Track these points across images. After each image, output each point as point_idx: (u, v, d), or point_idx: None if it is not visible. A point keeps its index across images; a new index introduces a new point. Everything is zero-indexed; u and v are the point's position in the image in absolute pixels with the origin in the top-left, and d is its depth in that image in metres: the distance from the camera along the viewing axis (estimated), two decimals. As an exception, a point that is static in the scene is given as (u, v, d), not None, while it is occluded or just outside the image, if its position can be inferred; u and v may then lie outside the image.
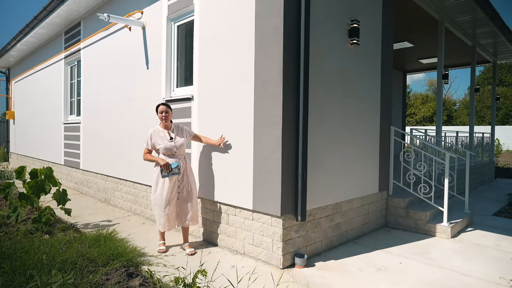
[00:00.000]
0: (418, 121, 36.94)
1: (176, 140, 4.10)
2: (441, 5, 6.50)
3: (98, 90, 6.99)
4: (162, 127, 4.16)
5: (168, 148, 4.03)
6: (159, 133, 4.13)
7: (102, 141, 6.84)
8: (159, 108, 4.13)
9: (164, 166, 3.92)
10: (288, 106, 3.53)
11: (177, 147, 4.07)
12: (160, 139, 4.09)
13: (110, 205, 6.62)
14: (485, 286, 3.24)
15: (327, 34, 4.04)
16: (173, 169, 3.95)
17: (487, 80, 38.27)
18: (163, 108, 4.12)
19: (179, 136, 4.16)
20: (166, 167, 3.93)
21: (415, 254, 4.07)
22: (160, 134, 4.12)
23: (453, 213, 5.42)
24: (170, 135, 4.13)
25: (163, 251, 4.09)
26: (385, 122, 5.24)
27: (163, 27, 5.12)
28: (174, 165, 3.96)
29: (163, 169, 3.92)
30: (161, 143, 4.06)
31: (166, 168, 3.93)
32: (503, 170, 12.85)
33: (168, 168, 3.94)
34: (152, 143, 4.11)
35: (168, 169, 3.93)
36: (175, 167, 3.96)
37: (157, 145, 4.09)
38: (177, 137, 4.14)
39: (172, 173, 3.95)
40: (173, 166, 3.95)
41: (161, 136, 4.10)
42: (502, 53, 10.09)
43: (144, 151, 4.17)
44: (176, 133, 4.18)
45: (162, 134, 4.12)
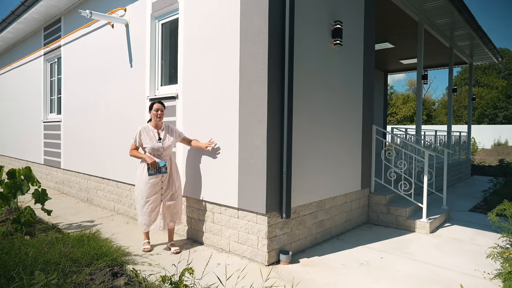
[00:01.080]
0: (399, 120, 37.78)
1: (165, 142, 4.00)
2: (420, 7, 6.69)
3: (79, 88, 6.86)
4: (153, 125, 4.05)
5: (155, 148, 3.94)
6: (149, 131, 4.01)
7: (84, 140, 6.73)
8: (154, 106, 4.00)
9: (151, 165, 3.85)
10: (272, 105, 3.58)
11: (165, 148, 3.98)
12: (148, 138, 3.97)
13: (93, 204, 6.52)
14: (461, 278, 3.38)
15: (311, 35, 4.11)
16: (161, 168, 3.89)
17: (464, 80, 39.52)
18: (158, 106, 4.00)
19: (169, 137, 4.06)
20: (154, 165, 3.86)
21: (395, 249, 4.20)
22: (149, 133, 4.00)
23: (432, 209, 5.60)
24: (159, 135, 4.02)
25: (148, 250, 4.04)
26: (367, 121, 5.36)
27: (147, 25, 5.08)
28: (161, 163, 3.89)
29: (150, 167, 3.85)
30: (149, 142, 3.95)
31: (154, 167, 3.86)
32: (479, 167, 13.32)
33: (155, 166, 3.87)
34: (140, 141, 4.00)
35: (155, 168, 3.86)
36: (163, 166, 3.89)
37: (144, 144, 3.98)
38: (166, 138, 4.03)
39: (159, 172, 3.88)
40: (160, 164, 3.88)
41: (149, 136, 3.99)
42: (477, 54, 10.45)
43: (131, 146, 4.05)
44: (166, 133, 4.06)
45: (152, 133, 4.01)
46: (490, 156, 18.65)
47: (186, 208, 4.55)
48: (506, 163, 11.84)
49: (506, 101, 32.13)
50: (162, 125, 4.10)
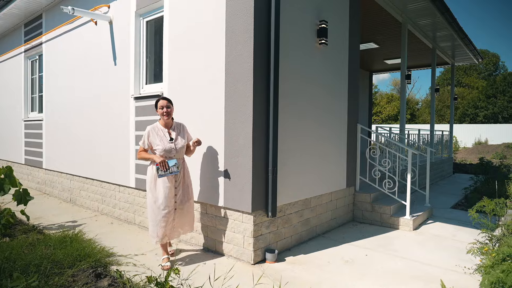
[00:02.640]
0: (383, 119, 38.37)
1: (177, 142, 3.60)
2: (404, 8, 6.80)
3: (62, 86, 6.71)
4: (162, 124, 3.65)
5: (167, 150, 3.53)
6: (158, 131, 3.60)
7: (67, 139, 6.59)
8: (159, 103, 3.58)
9: (160, 164, 3.45)
10: (258, 104, 3.58)
11: (177, 149, 3.59)
12: (158, 139, 3.56)
13: (76, 205, 6.40)
14: (442, 273, 3.46)
15: (297, 34, 4.13)
16: (171, 167, 3.49)
17: (447, 81, 40.40)
18: (163, 103, 3.57)
19: (181, 137, 3.66)
20: (163, 164, 3.46)
21: (380, 246, 4.27)
22: (159, 133, 3.59)
23: (415, 206, 5.72)
24: (170, 135, 3.62)
25: (168, 267, 3.48)
26: (352, 120, 5.42)
27: (131, 22, 5.00)
28: (172, 162, 3.50)
29: (160, 167, 3.45)
30: (160, 143, 3.54)
31: (163, 166, 3.46)
32: (461, 165, 13.64)
33: (165, 166, 3.46)
34: (149, 143, 3.59)
35: (165, 167, 3.46)
36: (173, 165, 3.50)
37: (154, 145, 3.56)
38: (178, 138, 3.63)
39: (169, 172, 3.48)
40: (170, 163, 3.49)
41: (160, 136, 3.58)
42: (459, 55, 10.70)
43: (139, 149, 3.66)
44: (178, 132, 3.66)
45: (162, 133, 3.60)
46: (471, 154, 19.13)
47: (171, 207, 4.51)
48: (486, 161, 12.18)
49: (486, 101, 33.02)
50: (173, 123, 3.70)
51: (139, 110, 4.94)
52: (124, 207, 5.30)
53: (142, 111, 4.89)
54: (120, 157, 5.28)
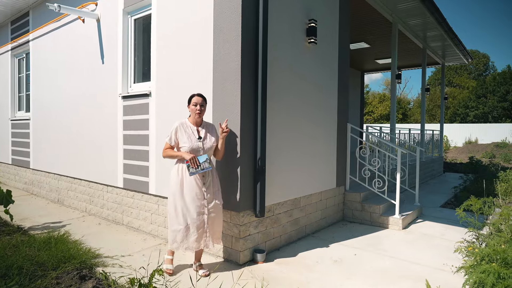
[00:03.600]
0: (376, 119, 38.59)
1: (206, 141, 3.32)
2: (394, 8, 6.82)
3: (49, 85, 6.61)
4: (192, 122, 3.37)
5: (194, 149, 3.25)
6: (187, 128, 3.33)
7: (54, 139, 6.49)
8: (193, 99, 3.32)
9: (191, 161, 3.15)
10: (246, 103, 3.55)
11: (205, 149, 3.30)
12: (186, 136, 3.29)
13: (64, 205, 6.30)
14: (430, 272, 3.46)
15: (286, 33, 4.10)
16: (202, 163, 3.18)
17: (438, 80, 40.79)
18: (198, 100, 3.31)
19: (210, 136, 3.38)
20: (194, 161, 3.16)
21: (369, 246, 4.27)
22: (187, 130, 3.32)
23: (405, 205, 5.74)
24: (199, 133, 3.35)
25: (171, 272, 3.35)
26: (342, 120, 5.42)
27: (119, 20, 4.93)
28: (202, 158, 3.19)
29: (190, 164, 3.16)
30: (187, 141, 3.26)
31: (194, 163, 3.16)
32: (451, 165, 13.78)
33: (196, 162, 3.17)
34: (176, 139, 3.32)
35: (195, 164, 3.16)
36: (204, 161, 3.19)
37: (181, 142, 3.29)
38: (207, 137, 3.35)
39: (201, 168, 3.18)
40: (201, 160, 3.18)
41: (188, 133, 3.31)
42: (449, 55, 10.79)
43: (165, 145, 3.38)
44: (207, 131, 3.39)
45: (190, 130, 3.33)
46: (462, 153, 19.35)
47: (159, 207, 4.46)
48: (476, 161, 12.31)
49: (477, 101, 33.40)
50: (203, 122, 3.46)
51: (127, 109, 4.88)
52: (112, 207, 5.23)
53: (130, 110, 4.82)
54: (108, 157, 5.21)
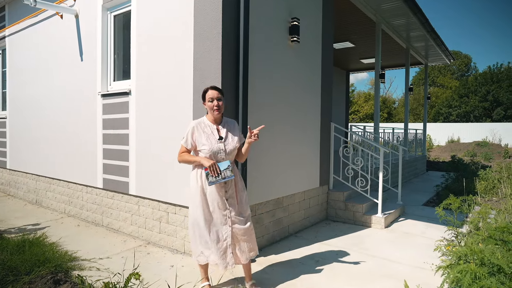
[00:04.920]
0: (361, 118, 39.02)
1: (227, 142, 2.84)
2: (378, 8, 6.86)
3: (26, 82, 6.40)
4: (210, 120, 2.89)
5: (214, 151, 2.78)
6: (205, 128, 2.86)
7: (32, 138, 6.29)
8: (208, 94, 2.81)
9: (210, 169, 2.70)
10: (227, 102, 3.49)
11: (227, 152, 2.83)
12: (205, 137, 2.81)
13: (42, 207, 6.12)
14: (411, 271, 3.49)
15: (267, 30, 4.06)
16: (223, 171, 2.73)
17: (422, 80, 41.49)
18: (214, 94, 2.80)
19: (232, 136, 2.89)
20: (214, 169, 2.70)
21: (352, 245, 4.27)
22: (205, 130, 2.85)
23: (388, 204, 5.78)
24: (219, 132, 2.87)
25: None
26: (326, 119, 5.41)
27: (98, 16, 4.81)
28: (223, 165, 2.74)
29: (209, 172, 2.71)
30: (206, 143, 2.79)
31: (214, 171, 2.70)
32: (434, 163, 14.01)
33: (216, 169, 2.72)
34: (193, 141, 2.84)
35: (216, 172, 2.71)
36: (226, 168, 2.74)
37: (199, 145, 2.81)
38: (229, 137, 2.87)
39: (222, 177, 2.73)
40: (222, 167, 2.73)
41: (206, 133, 2.83)
42: (432, 55, 10.95)
43: (180, 149, 2.90)
44: (228, 130, 2.91)
45: (209, 130, 2.86)
46: (445, 152, 19.71)
47: (139, 208, 4.37)
48: (458, 159, 12.54)
49: (459, 100, 34.12)
50: (223, 119, 2.96)
51: (106, 108, 4.76)
52: (91, 208, 5.10)
53: (110, 109, 4.71)
54: (87, 156, 5.07)
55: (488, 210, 3.71)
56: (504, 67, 34.22)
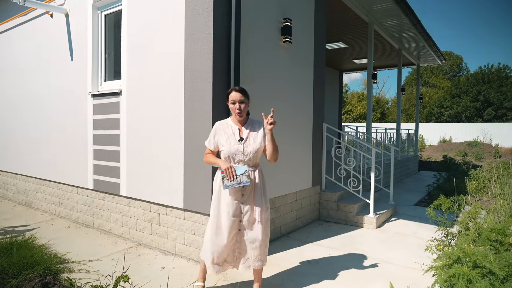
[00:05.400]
0: (355, 118, 39.20)
1: (247, 143, 2.73)
2: (370, 9, 6.89)
3: (15, 82, 6.31)
4: (234, 121, 2.84)
5: (232, 152, 2.70)
6: (227, 128, 2.79)
7: (22, 138, 6.20)
8: (231, 96, 2.73)
9: (226, 172, 2.63)
10: (218, 103, 3.48)
11: (246, 154, 2.71)
12: (225, 138, 2.75)
13: (32, 208, 6.04)
14: (402, 271, 3.50)
15: (259, 31, 4.05)
16: (239, 176, 2.63)
17: (414, 81, 41.81)
18: (236, 97, 2.71)
19: (255, 138, 2.77)
20: (229, 173, 2.62)
21: (343, 245, 4.28)
22: (227, 131, 2.78)
23: (379, 204, 5.81)
24: (240, 134, 2.78)
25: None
26: (318, 119, 5.42)
27: (89, 15, 4.75)
28: (240, 170, 2.64)
29: (225, 175, 2.64)
30: (225, 143, 2.73)
31: (229, 175, 2.62)
32: (426, 163, 14.12)
33: (232, 174, 2.63)
34: (216, 142, 2.81)
35: (232, 177, 2.62)
36: (242, 173, 2.64)
37: (220, 145, 2.77)
38: (250, 138, 2.75)
39: (237, 182, 2.63)
40: (239, 171, 2.63)
41: (227, 134, 2.77)
42: (424, 56, 11.03)
43: (206, 150, 2.89)
44: (251, 131, 2.79)
45: (230, 130, 2.78)
46: (437, 152, 19.90)
47: (131, 209, 4.33)
48: (449, 159, 12.66)
49: (451, 100, 34.44)
50: (248, 120, 2.88)
51: (97, 108, 4.71)
52: (82, 209, 5.05)
53: (100, 109, 4.66)
54: (78, 157, 5.02)
55: (478, 210, 3.75)
56: (495, 68, 34.64)
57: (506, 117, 31.08)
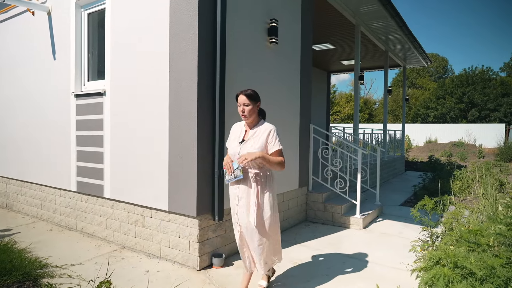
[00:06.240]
0: (343, 118, 39.54)
1: (245, 147, 2.79)
2: (357, 11, 6.94)
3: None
4: (245, 122, 2.93)
5: (232, 153, 2.84)
6: (237, 130, 2.95)
7: (2, 139, 6.03)
8: (238, 100, 2.82)
9: (225, 166, 2.81)
10: (203, 104, 3.44)
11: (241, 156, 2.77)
12: (232, 138, 2.92)
13: (13, 211, 5.88)
14: (387, 272, 3.52)
15: (245, 32, 4.03)
16: (235, 170, 2.77)
17: (401, 82, 42.43)
18: (241, 100, 2.79)
19: (254, 142, 2.79)
20: (228, 167, 2.78)
21: (330, 246, 4.29)
22: (236, 132, 2.93)
23: (366, 205, 5.85)
24: (245, 136, 2.87)
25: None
26: (305, 121, 5.42)
27: (72, 14, 4.65)
28: (235, 164, 2.77)
29: (226, 170, 2.81)
30: (230, 144, 2.90)
31: (228, 169, 2.78)
32: (412, 163, 14.32)
33: (230, 168, 2.78)
34: None
35: (230, 170, 2.78)
36: (237, 168, 2.76)
37: (228, 147, 2.94)
38: (249, 141, 2.80)
39: (234, 176, 2.77)
40: (234, 166, 2.77)
41: (235, 135, 2.92)
42: (410, 58, 11.18)
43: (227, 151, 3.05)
44: (254, 135, 2.83)
45: (239, 132, 2.92)
46: (423, 152, 20.20)
47: (114, 212, 4.25)
48: (435, 159, 12.86)
49: (436, 102, 35.03)
50: (259, 122, 2.91)
51: (80, 109, 4.61)
52: (65, 212, 4.94)
53: (84, 110, 4.56)
54: (61, 158, 4.90)
55: (461, 210, 3.79)
56: (479, 70, 35.38)
57: (489, 118, 31.78)
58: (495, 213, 4.02)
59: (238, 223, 2.86)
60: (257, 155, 2.65)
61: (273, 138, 2.81)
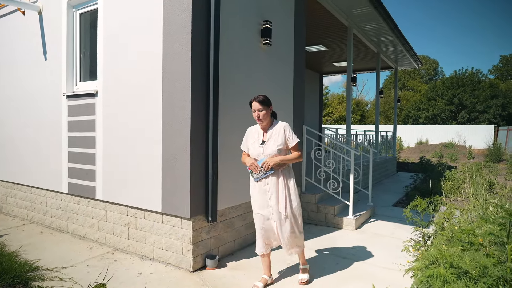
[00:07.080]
0: (335, 119, 39.76)
1: (267, 146, 3.05)
2: (349, 13, 6.99)
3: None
4: (261, 126, 3.19)
5: (255, 155, 3.10)
6: (254, 133, 3.19)
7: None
8: (252, 107, 3.08)
9: (251, 167, 3.06)
10: (197, 106, 3.43)
11: (266, 155, 3.04)
12: (251, 141, 3.16)
13: (2, 213, 5.79)
14: (380, 272, 3.55)
15: (239, 33, 4.03)
16: (262, 169, 3.02)
17: (393, 83, 42.87)
18: (255, 106, 3.04)
19: (274, 140, 3.07)
20: (254, 167, 3.04)
21: (323, 247, 4.30)
22: (254, 135, 3.17)
23: (359, 206, 5.88)
24: (264, 137, 3.13)
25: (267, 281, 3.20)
26: (298, 122, 5.44)
27: (63, 13, 4.61)
28: (260, 162, 3.03)
29: (252, 170, 3.07)
30: (251, 147, 3.14)
31: (254, 169, 3.03)
32: (404, 164, 14.45)
33: (256, 168, 3.03)
34: (247, 145, 3.21)
35: (256, 169, 3.03)
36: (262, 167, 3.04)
37: (250, 149, 3.17)
38: (270, 141, 3.07)
39: (264, 173, 3.02)
40: (260, 164, 3.03)
41: (253, 138, 3.16)
42: (401, 60, 11.30)
43: (243, 153, 3.28)
44: (272, 135, 3.10)
45: (256, 135, 3.17)
46: (414, 153, 20.42)
47: (106, 213, 4.21)
48: (426, 160, 13.00)
49: (427, 103, 35.45)
50: (272, 123, 3.18)
51: (72, 110, 4.56)
52: (56, 214, 4.87)
53: (75, 111, 4.52)
54: (52, 159, 4.84)
55: (452, 211, 3.84)
56: (468, 72, 35.90)
57: (478, 119, 32.26)
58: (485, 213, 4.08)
59: (270, 217, 3.10)
60: (277, 160, 2.99)
61: (290, 133, 3.11)
